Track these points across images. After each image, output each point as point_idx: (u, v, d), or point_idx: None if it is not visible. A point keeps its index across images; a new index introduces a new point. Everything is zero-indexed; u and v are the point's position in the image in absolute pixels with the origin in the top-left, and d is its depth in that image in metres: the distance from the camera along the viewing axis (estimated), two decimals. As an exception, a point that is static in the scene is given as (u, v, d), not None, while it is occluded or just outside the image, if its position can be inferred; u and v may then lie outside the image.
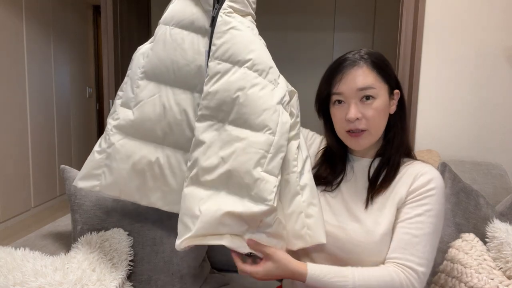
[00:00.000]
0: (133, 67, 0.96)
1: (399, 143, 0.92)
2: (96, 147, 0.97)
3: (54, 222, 1.34)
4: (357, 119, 0.86)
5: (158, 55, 0.92)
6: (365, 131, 0.88)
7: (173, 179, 0.93)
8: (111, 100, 2.36)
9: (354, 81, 0.86)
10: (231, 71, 0.85)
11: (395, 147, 0.92)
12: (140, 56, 0.96)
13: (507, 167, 1.51)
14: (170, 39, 0.91)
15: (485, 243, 1.05)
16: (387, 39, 3.22)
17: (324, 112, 0.97)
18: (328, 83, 0.91)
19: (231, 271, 1.36)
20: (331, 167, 0.98)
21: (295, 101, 0.92)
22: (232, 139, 0.83)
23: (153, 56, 0.93)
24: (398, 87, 0.93)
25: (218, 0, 0.88)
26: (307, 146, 0.99)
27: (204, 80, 0.87)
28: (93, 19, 4.41)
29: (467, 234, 1.06)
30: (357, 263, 0.85)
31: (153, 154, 0.92)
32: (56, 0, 3.62)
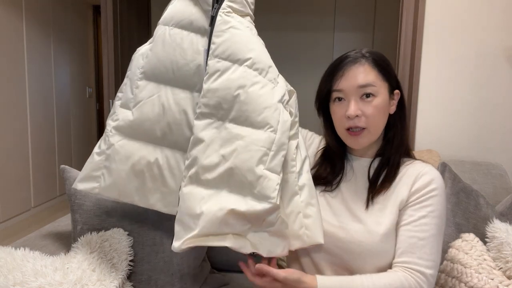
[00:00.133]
0: (132, 68, 0.96)
1: (399, 143, 0.92)
2: (96, 149, 0.96)
3: (54, 222, 1.34)
4: (356, 117, 0.86)
5: (158, 55, 0.92)
6: (364, 130, 0.88)
7: (172, 180, 0.92)
8: (111, 100, 2.36)
9: (355, 78, 0.86)
10: (231, 69, 0.85)
11: (395, 147, 0.92)
12: (140, 57, 0.95)
13: (507, 167, 1.51)
14: (169, 39, 0.91)
15: (485, 243, 1.05)
16: (387, 39, 3.23)
17: (324, 110, 0.97)
18: (328, 80, 0.91)
19: (231, 271, 1.36)
20: (331, 166, 0.98)
21: (294, 100, 0.91)
22: (233, 137, 0.82)
23: (152, 56, 0.92)
24: (398, 87, 0.93)
25: (217, 0, 0.88)
26: (306, 146, 0.99)
27: (203, 79, 0.87)
28: (93, 19, 4.41)
29: (467, 234, 1.06)
30: (357, 263, 0.85)
31: (152, 154, 0.92)
32: (56, 0, 3.62)
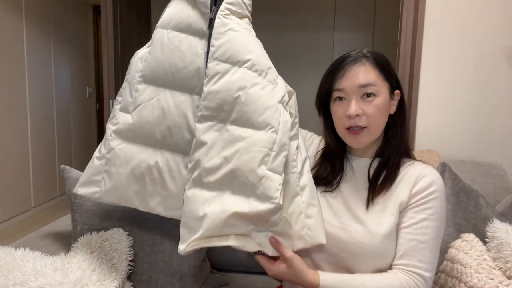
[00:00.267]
0: (131, 72, 0.96)
1: (398, 143, 0.92)
2: (96, 153, 0.96)
3: (54, 222, 1.34)
4: (357, 116, 0.86)
5: (156, 58, 0.92)
6: (364, 129, 0.88)
7: (172, 183, 0.91)
8: (111, 100, 2.36)
9: (356, 77, 0.86)
10: (230, 71, 0.85)
11: (395, 148, 0.92)
12: (138, 60, 0.95)
13: (507, 167, 1.51)
14: (168, 42, 0.91)
15: (485, 243, 1.05)
16: (387, 39, 3.23)
17: (324, 110, 0.97)
18: (329, 79, 0.91)
19: (231, 271, 1.36)
20: (331, 167, 0.98)
21: (293, 101, 0.91)
22: (234, 139, 0.83)
23: (151, 59, 0.92)
24: (399, 88, 0.93)
25: (215, 2, 0.88)
26: (305, 147, 0.98)
27: (203, 81, 0.87)
28: (93, 19, 4.41)
29: (467, 234, 1.06)
30: (358, 264, 0.85)
31: (152, 158, 0.91)
32: (56, 0, 3.62)
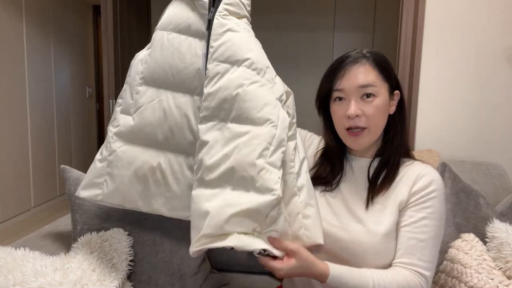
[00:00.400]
0: (131, 74, 0.96)
1: (398, 143, 0.92)
2: (98, 155, 0.97)
3: (54, 222, 1.33)
4: (357, 116, 0.87)
5: (156, 60, 0.92)
6: (364, 130, 0.88)
7: (175, 184, 0.92)
8: (111, 100, 2.36)
9: (355, 78, 0.87)
10: (230, 70, 0.85)
11: (395, 148, 0.92)
12: (138, 62, 0.95)
13: (507, 167, 1.51)
14: (168, 43, 0.91)
15: (485, 243, 1.05)
16: (387, 39, 3.22)
17: (324, 110, 0.97)
18: (329, 79, 0.91)
19: (231, 271, 1.36)
20: (330, 166, 0.98)
21: (291, 102, 0.92)
22: (235, 136, 0.83)
23: (151, 61, 0.93)
24: (399, 88, 0.93)
25: (214, 3, 0.88)
26: (304, 147, 0.98)
27: (204, 82, 0.87)
28: (93, 19, 4.41)
29: (467, 234, 1.06)
30: (358, 263, 0.85)
31: (154, 159, 0.92)
32: (56, 0, 3.62)
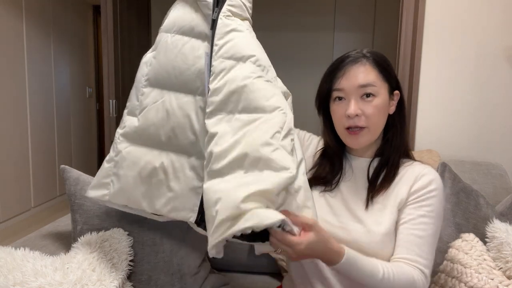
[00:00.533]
0: (138, 76, 0.99)
1: (398, 143, 0.93)
2: (107, 156, 0.99)
3: (54, 222, 1.33)
4: (356, 116, 0.87)
5: (160, 62, 0.95)
6: (364, 129, 0.88)
7: (176, 184, 0.92)
8: (111, 100, 2.36)
9: (355, 77, 0.87)
10: (236, 66, 0.87)
11: (395, 148, 0.92)
12: (144, 65, 0.98)
13: (507, 167, 1.51)
14: (171, 45, 0.94)
15: (485, 243, 1.05)
16: (387, 39, 3.22)
17: (324, 110, 0.97)
18: (329, 79, 0.91)
19: (231, 271, 1.35)
20: (330, 166, 0.98)
21: (289, 103, 0.93)
22: (244, 124, 0.82)
23: (155, 63, 0.96)
24: (398, 88, 0.93)
25: (217, 4, 0.90)
26: (303, 148, 0.98)
27: (205, 83, 0.88)
28: (93, 19, 4.41)
29: (467, 234, 1.06)
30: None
31: (157, 159, 0.93)
32: (56, 0, 3.62)
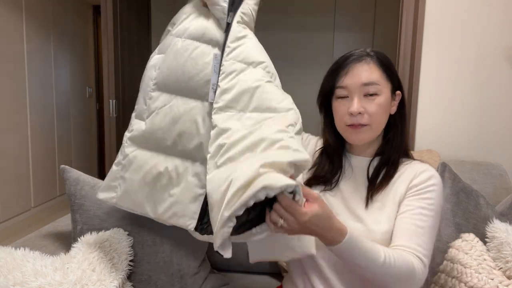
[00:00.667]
0: (145, 80, 0.99)
1: (399, 143, 0.93)
2: (116, 159, 1.00)
3: (54, 222, 1.33)
4: (359, 114, 0.87)
5: (170, 66, 0.94)
6: (366, 126, 0.88)
7: (177, 189, 0.93)
8: (111, 100, 2.36)
9: (359, 75, 0.87)
10: (247, 70, 0.89)
11: (395, 147, 0.93)
12: (152, 68, 0.98)
13: (507, 167, 1.51)
14: (182, 50, 0.94)
15: (485, 243, 1.05)
16: (387, 39, 3.22)
17: (326, 107, 0.98)
18: (332, 77, 0.91)
19: (231, 271, 1.35)
20: (329, 165, 0.98)
21: None
22: (256, 122, 0.84)
23: (164, 67, 0.95)
24: (400, 89, 0.94)
25: (232, 9, 0.93)
26: None
27: (211, 81, 0.90)
28: (93, 19, 4.41)
29: (467, 234, 1.06)
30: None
31: (162, 164, 0.93)
32: (56, 0, 3.62)
